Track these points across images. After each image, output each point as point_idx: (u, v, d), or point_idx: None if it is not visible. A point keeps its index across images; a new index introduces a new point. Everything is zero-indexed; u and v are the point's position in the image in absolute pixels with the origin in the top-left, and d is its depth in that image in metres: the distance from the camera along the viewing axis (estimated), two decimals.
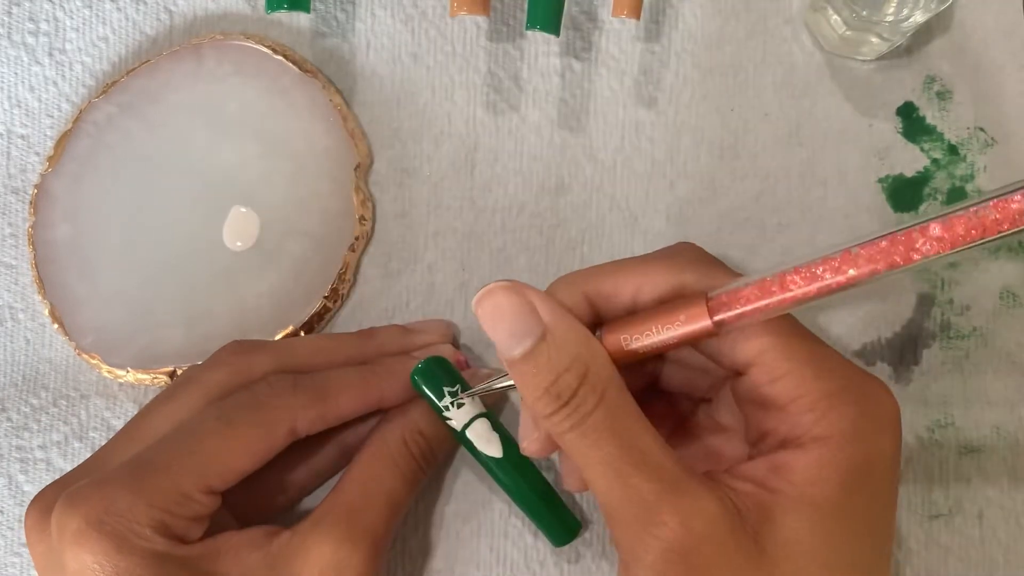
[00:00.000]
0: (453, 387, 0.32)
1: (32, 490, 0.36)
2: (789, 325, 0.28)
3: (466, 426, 0.32)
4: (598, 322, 0.29)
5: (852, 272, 0.25)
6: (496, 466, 0.32)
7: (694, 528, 0.25)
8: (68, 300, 0.36)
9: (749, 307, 0.26)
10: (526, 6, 0.34)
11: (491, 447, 0.32)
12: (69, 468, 0.36)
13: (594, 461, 0.26)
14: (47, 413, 0.37)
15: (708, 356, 0.29)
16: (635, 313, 0.28)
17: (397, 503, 0.31)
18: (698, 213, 0.36)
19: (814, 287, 0.25)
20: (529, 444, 0.30)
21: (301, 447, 0.32)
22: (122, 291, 0.36)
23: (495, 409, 0.35)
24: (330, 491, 0.31)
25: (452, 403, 0.32)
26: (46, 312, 0.36)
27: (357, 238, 0.36)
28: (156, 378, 0.35)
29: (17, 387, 0.37)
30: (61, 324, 0.36)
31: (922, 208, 0.36)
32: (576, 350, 0.27)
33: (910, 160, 0.36)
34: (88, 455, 0.34)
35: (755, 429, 0.29)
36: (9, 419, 0.37)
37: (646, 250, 0.36)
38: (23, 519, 0.35)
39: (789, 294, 0.26)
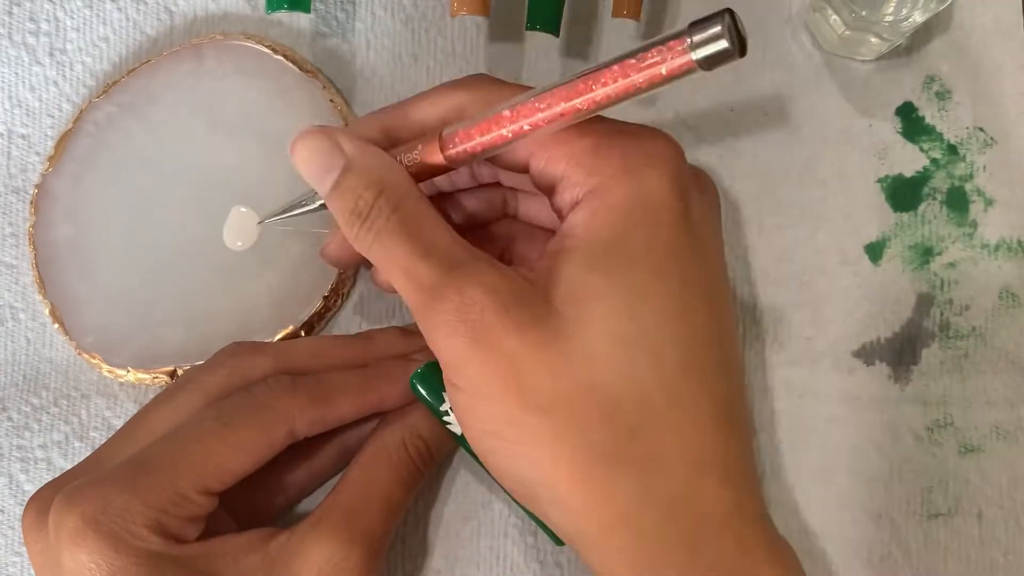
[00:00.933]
0: None
1: (33, 490, 0.36)
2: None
3: None
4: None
5: (545, 113, 0.26)
6: None
7: (472, 296, 0.26)
8: (69, 300, 0.36)
9: (472, 143, 0.28)
10: (526, 7, 0.34)
11: None
12: (70, 467, 0.36)
13: (391, 266, 0.28)
14: (48, 413, 0.37)
15: (507, 168, 0.30)
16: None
17: (395, 506, 0.31)
18: None
19: (526, 122, 0.27)
20: (328, 246, 0.33)
21: (300, 448, 0.32)
22: (122, 291, 0.36)
23: None
24: (328, 493, 0.31)
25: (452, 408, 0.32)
26: (47, 312, 0.36)
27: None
28: (156, 378, 0.35)
29: (18, 387, 0.37)
30: (61, 324, 0.36)
31: (921, 208, 0.36)
32: (375, 173, 0.29)
33: (909, 160, 0.36)
34: (89, 455, 0.34)
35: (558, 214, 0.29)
36: (10, 418, 0.37)
37: None
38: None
39: (502, 131, 0.27)
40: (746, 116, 0.37)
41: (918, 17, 0.34)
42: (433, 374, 0.32)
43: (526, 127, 0.27)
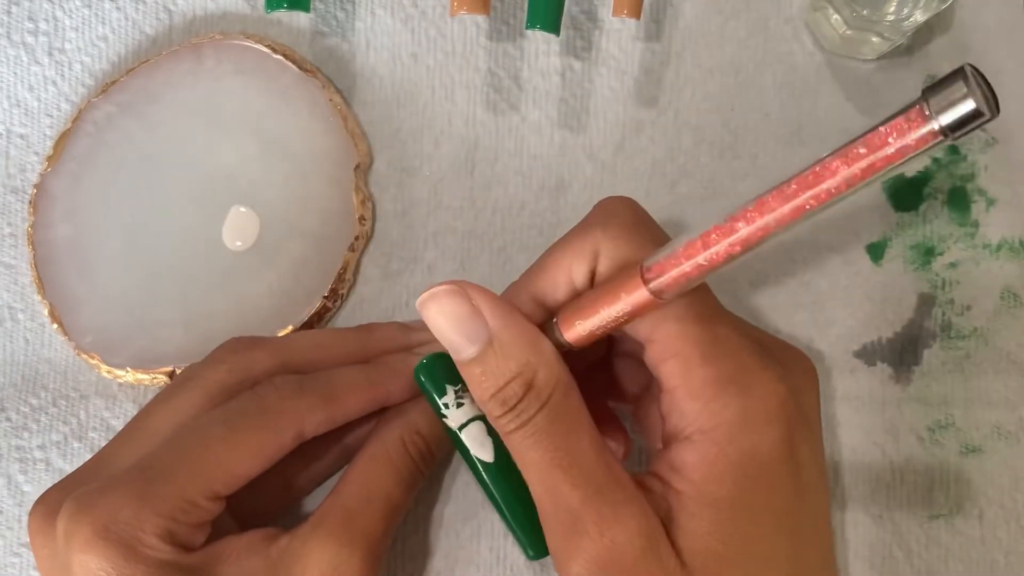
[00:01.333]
0: (455, 386, 0.32)
1: (31, 490, 0.36)
2: (698, 306, 0.27)
3: (462, 426, 0.32)
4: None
5: (764, 220, 0.23)
6: (485, 470, 0.32)
7: (615, 539, 0.26)
8: (68, 300, 0.36)
9: (681, 269, 0.25)
10: (526, 5, 0.34)
11: (483, 451, 0.32)
12: (68, 468, 0.36)
13: (531, 464, 0.27)
14: (47, 413, 0.37)
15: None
16: (579, 296, 0.28)
17: (395, 505, 0.31)
18: (698, 213, 0.36)
19: (737, 238, 0.24)
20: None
21: (303, 448, 0.32)
22: (122, 291, 0.36)
23: None
24: (328, 494, 0.31)
25: (453, 402, 0.32)
26: (46, 312, 0.36)
27: (357, 238, 0.36)
28: (156, 378, 0.35)
29: (16, 387, 0.37)
30: (60, 324, 0.36)
31: (922, 208, 0.36)
32: (523, 356, 0.27)
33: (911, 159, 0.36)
34: (87, 455, 0.34)
35: (660, 415, 0.28)
36: (8, 419, 0.36)
37: None
38: (24, 519, 0.36)
39: (713, 250, 0.24)
40: (747, 116, 0.37)
41: (919, 16, 0.33)
42: (439, 365, 0.32)
43: (738, 245, 0.24)
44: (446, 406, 0.32)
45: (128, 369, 0.35)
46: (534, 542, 0.33)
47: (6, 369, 0.37)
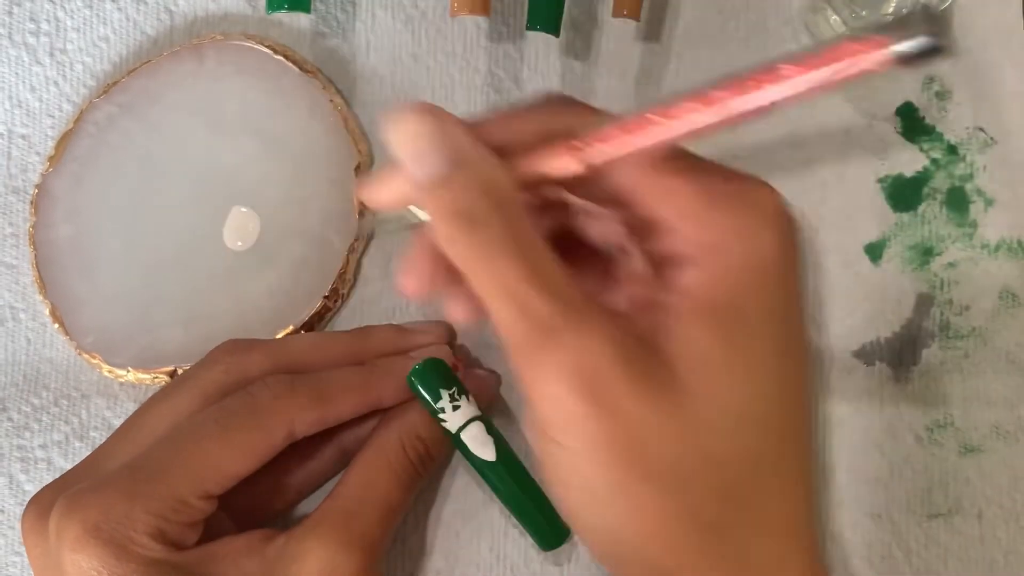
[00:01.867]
0: (450, 389, 0.32)
1: (33, 490, 0.36)
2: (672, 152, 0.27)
3: (461, 428, 0.32)
4: None
5: (708, 112, 0.24)
6: (489, 469, 0.32)
7: (593, 346, 0.24)
8: (69, 300, 0.36)
9: (611, 148, 0.25)
10: (526, 6, 0.34)
11: (485, 450, 0.32)
12: (70, 467, 0.36)
13: (494, 281, 0.25)
14: (48, 413, 0.37)
15: (595, 198, 0.28)
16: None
17: (394, 508, 0.31)
18: None
19: (677, 123, 0.24)
20: (409, 278, 0.28)
21: (300, 450, 0.32)
22: (123, 291, 0.36)
23: (490, 414, 0.35)
24: (327, 495, 0.31)
25: (449, 406, 0.32)
26: (47, 312, 0.36)
27: (357, 238, 0.36)
28: (157, 378, 0.35)
29: (18, 387, 0.37)
30: (62, 324, 0.36)
31: (921, 208, 0.36)
32: (488, 174, 0.26)
33: (909, 160, 0.36)
34: (87, 456, 0.34)
35: (649, 263, 0.27)
36: (10, 419, 0.37)
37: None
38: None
39: (650, 132, 0.24)
40: None
41: None
42: (433, 370, 0.32)
43: (675, 131, 0.24)
44: (443, 410, 0.32)
45: (129, 369, 0.35)
46: (545, 535, 0.33)
47: (8, 369, 0.37)
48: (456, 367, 0.34)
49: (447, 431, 0.32)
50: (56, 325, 0.36)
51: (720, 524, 0.26)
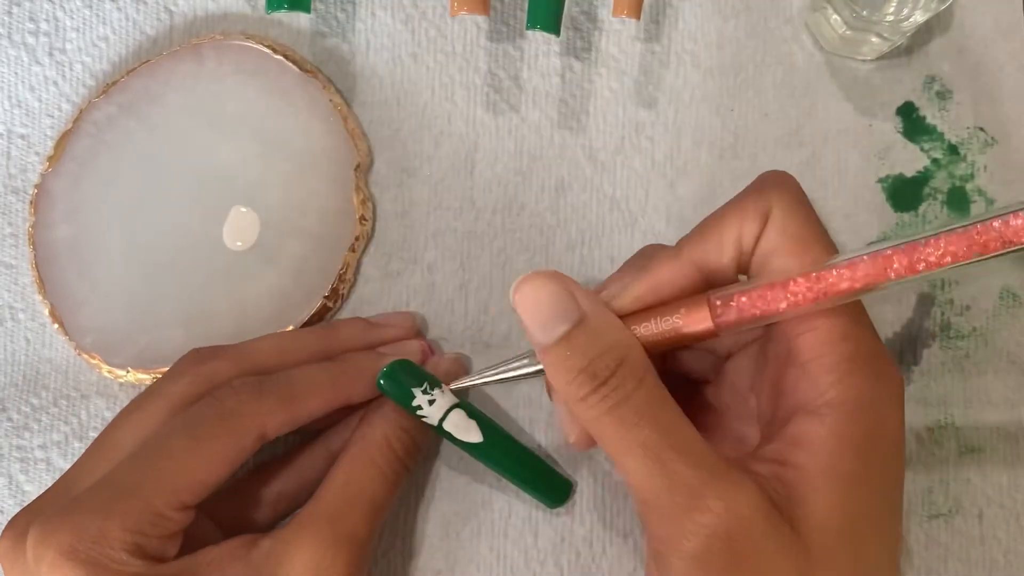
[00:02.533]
0: (421, 385, 0.32)
1: (32, 490, 0.36)
2: None
3: (442, 419, 0.32)
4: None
5: (850, 283, 0.25)
6: (479, 450, 0.32)
7: (739, 513, 0.25)
8: (68, 300, 0.36)
9: (748, 311, 0.27)
10: (526, 6, 0.34)
11: (470, 434, 0.32)
12: (69, 467, 0.36)
13: (632, 445, 0.26)
14: (47, 413, 0.37)
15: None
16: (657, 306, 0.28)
17: (379, 505, 0.31)
18: (698, 213, 0.36)
19: (813, 294, 0.26)
20: (574, 437, 0.30)
21: (286, 457, 0.32)
22: (122, 291, 0.36)
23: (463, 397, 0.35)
24: (312, 496, 0.30)
25: (424, 401, 0.32)
26: (46, 312, 0.36)
27: (357, 238, 0.36)
28: (156, 378, 0.35)
29: (17, 387, 0.37)
30: (61, 324, 0.36)
31: (921, 208, 0.36)
32: (614, 336, 0.27)
33: (910, 160, 0.36)
34: (59, 478, 0.34)
35: (770, 397, 0.28)
36: (9, 419, 0.37)
37: None
38: None
39: (789, 300, 0.26)
40: (747, 116, 0.37)
41: (919, 17, 0.34)
42: (400, 371, 0.32)
43: (804, 298, 0.26)
44: (419, 407, 0.32)
45: (129, 369, 0.35)
46: (549, 495, 0.34)
47: (7, 369, 0.37)
48: (427, 354, 0.34)
49: (429, 425, 0.32)
50: (55, 325, 0.36)
51: None
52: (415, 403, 0.31)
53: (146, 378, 0.35)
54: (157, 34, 0.38)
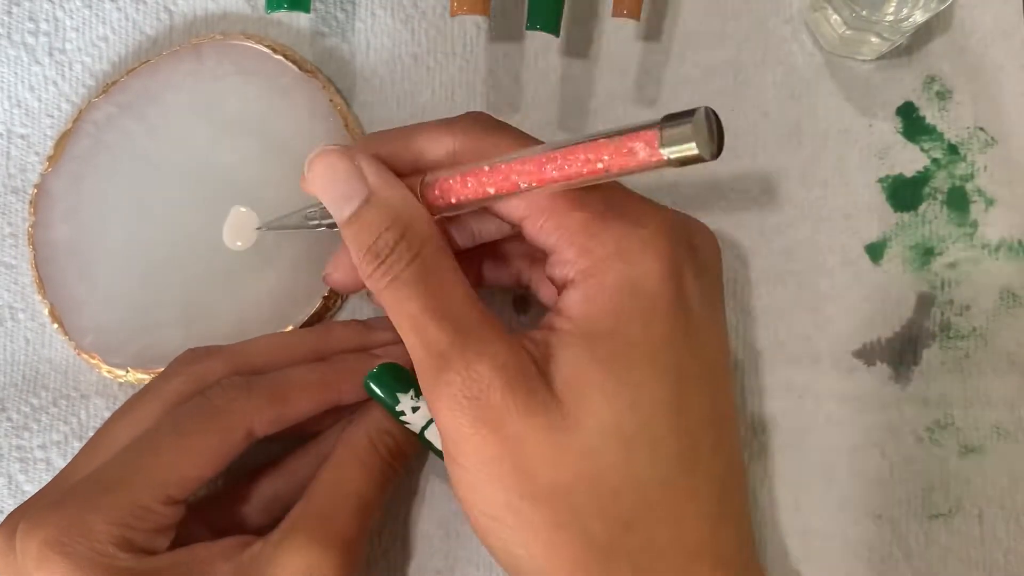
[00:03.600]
0: (407, 392, 0.32)
1: (32, 490, 0.36)
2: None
3: (424, 428, 0.32)
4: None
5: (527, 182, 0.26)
6: None
7: (480, 373, 0.26)
8: (68, 300, 0.36)
9: (452, 195, 0.28)
10: (526, 6, 0.34)
11: None
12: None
13: (402, 316, 0.27)
14: (47, 413, 0.37)
15: (497, 216, 0.30)
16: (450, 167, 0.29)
17: (368, 505, 0.31)
18: (698, 213, 0.36)
19: (501, 183, 0.27)
20: (336, 273, 0.32)
21: (277, 460, 0.32)
22: (122, 291, 0.36)
23: None
24: (300, 498, 0.30)
25: (408, 407, 0.32)
26: (46, 312, 0.36)
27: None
28: None
29: (17, 387, 0.37)
30: (61, 324, 0.36)
31: (921, 208, 0.36)
32: (397, 210, 0.28)
33: (910, 160, 0.36)
34: (53, 477, 0.34)
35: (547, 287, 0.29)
36: (9, 419, 0.37)
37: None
38: None
39: (483, 188, 0.27)
40: (746, 116, 0.37)
41: (919, 17, 0.34)
42: (388, 374, 0.32)
43: (497, 188, 0.27)
44: (403, 412, 0.31)
45: (129, 369, 0.35)
46: None
47: (7, 369, 0.37)
48: None
49: (413, 433, 0.32)
50: (55, 325, 0.36)
51: (612, 548, 0.26)
52: (399, 408, 0.31)
53: (145, 378, 0.35)
54: (157, 34, 0.38)
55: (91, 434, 0.36)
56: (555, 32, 0.34)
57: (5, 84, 0.38)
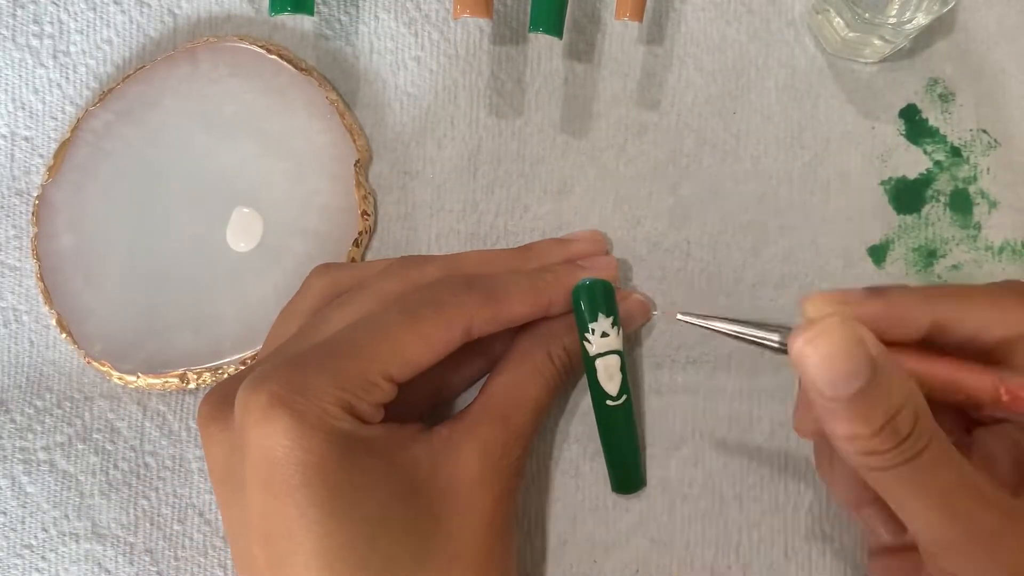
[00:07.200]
0: (609, 316, 0.32)
1: (35, 491, 0.36)
2: None
3: (599, 356, 0.32)
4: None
5: None
6: (604, 403, 0.33)
7: None
8: (75, 309, 0.36)
9: None
10: (529, 9, 0.34)
11: (610, 384, 0.33)
12: (72, 470, 0.36)
13: (929, 494, 0.26)
14: (51, 415, 0.37)
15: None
16: (938, 355, 0.28)
17: (541, 408, 0.32)
18: (700, 216, 0.36)
19: None
20: (803, 428, 0.31)
21: (452, 353, 0.33)
22: (129, 297, 0.36)
23: (628, 351, 0.35)
24: (479, 395, 0.32)
25: (599, 331, 0.32)
26: (53, 322, 0.36)
27: (361, 233, 0.36)
28: (167, 382, 0.35)
29: (21, 389, 0.37)
30: (69, 333, 0.36)
31: (924, 211, 0.36)
32: (906, 388, 0.26)
33: (913, 162, 0.36)
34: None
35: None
36: (13, 420, 0.37)
37: (648, 253, 0.36)
38: (27, 521, 0.36)
39: None
40: (749, 119, 0.37)
41: (921, 19, 0.34)
42: (601, 291, 0.32)
43: None
44: (592, 331, 0.32)
45: (139, 375, 0.35)
46: (623, 480, 0.35)
47: (11, 371, 0.37)
48: (617, 279, 0.35)
49: (585, 353, 0.32)
50: (63, 335, 0.36)
51: None
52: (592, 325, 0.32)
53: (156, 383, 0.35)
54: (160, 37, 0.38)
55: (95, 436, 0.36)
56: (558, 35, 0.34)
57: (9, 86, 0.38)
